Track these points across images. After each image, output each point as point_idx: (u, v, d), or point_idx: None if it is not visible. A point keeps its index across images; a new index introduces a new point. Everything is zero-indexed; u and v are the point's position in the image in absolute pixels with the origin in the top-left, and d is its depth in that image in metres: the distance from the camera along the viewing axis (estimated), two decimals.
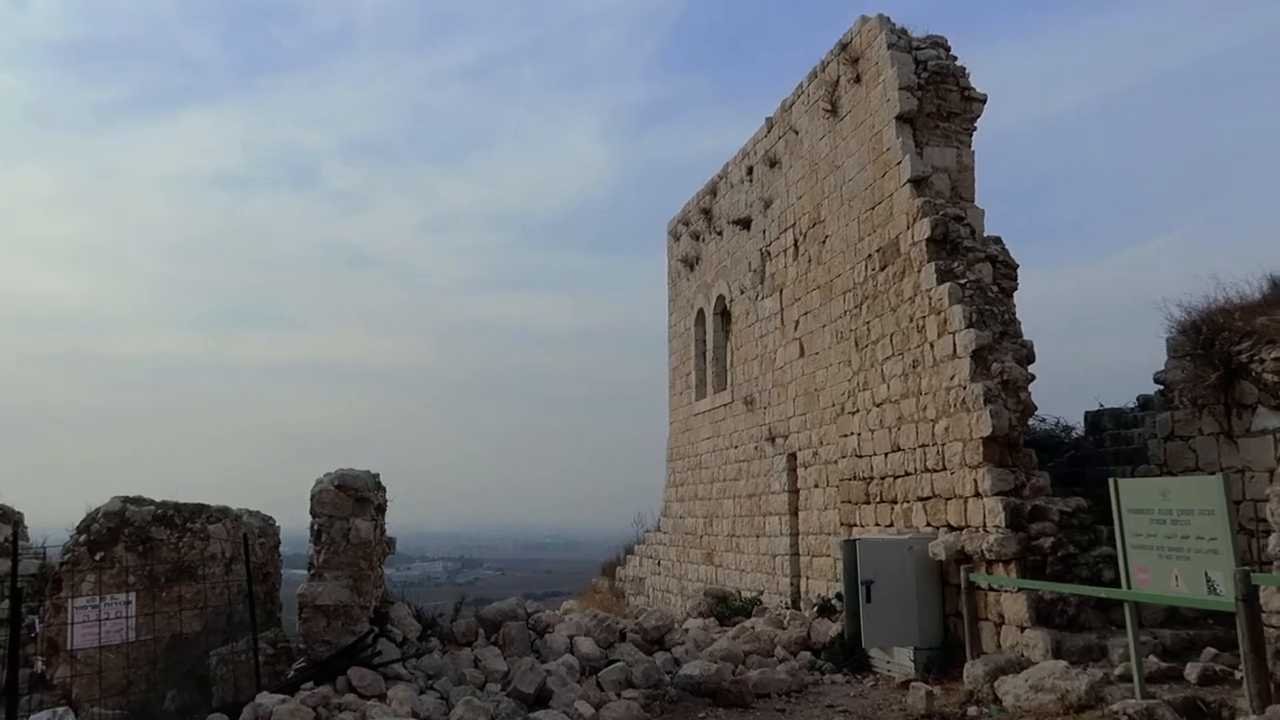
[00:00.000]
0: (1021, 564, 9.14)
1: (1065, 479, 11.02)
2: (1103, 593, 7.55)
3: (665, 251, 22.15)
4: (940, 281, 10.65)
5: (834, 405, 13.19)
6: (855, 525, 12.41)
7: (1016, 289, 10.81)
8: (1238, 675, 7.77)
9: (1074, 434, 12.58)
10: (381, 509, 10.31)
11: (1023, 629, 8.95)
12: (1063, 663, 7.71)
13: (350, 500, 9.62)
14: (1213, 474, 9.48)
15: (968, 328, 10.09)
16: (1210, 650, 8.15)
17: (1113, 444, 11.66)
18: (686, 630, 10.81)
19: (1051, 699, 7.41)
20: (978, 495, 9.79)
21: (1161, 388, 10.49)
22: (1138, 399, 12.08)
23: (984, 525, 9.64)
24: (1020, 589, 9.00)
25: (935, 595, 10.28)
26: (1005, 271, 10.85)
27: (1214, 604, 6.29)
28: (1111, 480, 7.14)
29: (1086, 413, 12.31)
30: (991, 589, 9.32)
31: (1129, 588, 6.98)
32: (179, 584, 10.06)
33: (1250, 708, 5.80)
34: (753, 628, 12.11)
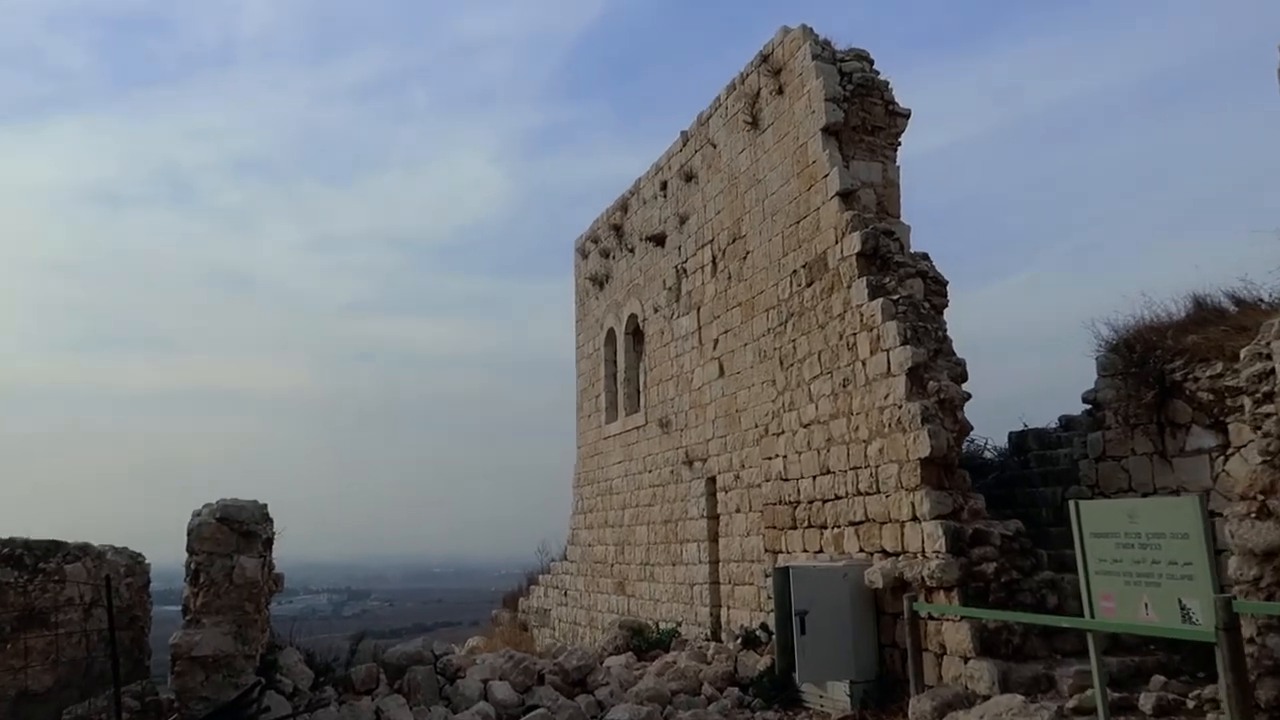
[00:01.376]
0: (964, 591, 8.73)
1: (992, 501, 10.72)
2: (1065, 623, 7.17)
3: (572, 271, 21.46)
4: (872, 297, 10.28)
5: (757, 426, 12.70)
6: (781, 552, 11.89)
7: (947, 305, 10.54)
8: (1190, 704, 7.51)
9: (989, 455, 12.40)
10: (269, 543, 9.25)
11: (966, 659, 8.53)
12: (1019, 697, 7.28)
13: (234, 535, 8.56)
14: (1147, 494, 9.34)
15: (903, 344, 9.72)
16: (1158, 678, 7.86)
17: (1039, 465, 11.49)
18: (608, 669, 10.04)
19: None
20: (915, 519, 9.38)
21: (1090, 407, 10.34)
22: (1060, 419, 11.98)
23: (923, 551, 9.22)
24: (963, 617, 8.59)
25: (871, 625, 9.81)
26: (935, 288, 10.57)
27: (1190, 634, 5.93)
28: (1072, 503, 6.77)
29: (1011, 433, 12.14)
30: (931, 618, 8.89)
31: (1092, 616, 6.60)
32: (27, 633, 8.75)
33: None
34: (675, 663, 11.42)
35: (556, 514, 21.89)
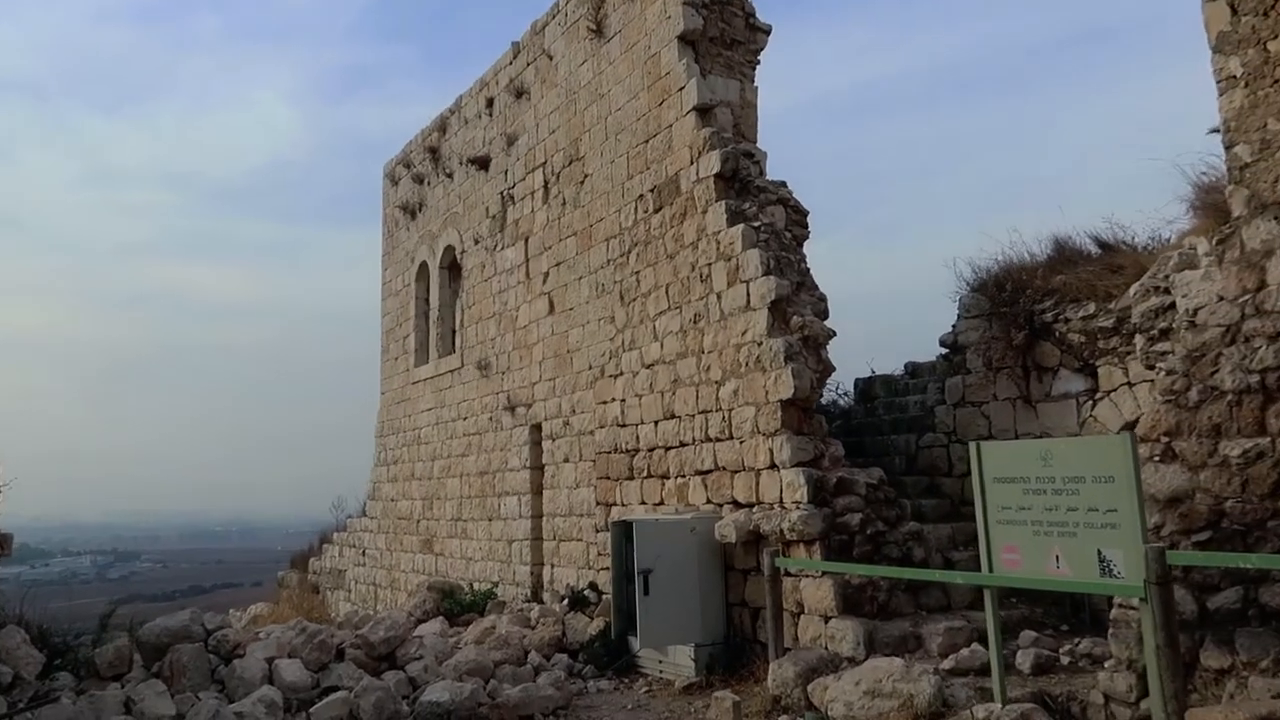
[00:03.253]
0: (826, 544, 7.95)
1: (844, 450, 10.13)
2: (960, 578, 6.45)
3: (380, 200, 19.40)
4: (731, 223, 9.28)
5: (591, 368, 11.51)
6: (615, 504, 10.82)
7: (808, 237, 9.70)
8: (1064, 660, 7.04)
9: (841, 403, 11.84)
10: None
11: (827, 619, 7.77)
12: (898, 661, 6.53)
13: None
14: (1013, 439, 8.90)
15: (765, 275, 8.78)
16: (1028, 633, 7.37)
17: (887, 412, 10.97)
18: (421, 640, 8.62)
19: (893, 706, 6.19)
20: (773, 467, 8.51)
21: (947, 351, 9.85)
22: (906, 366, 11.52)
23: (781, 501, 8.37)
24: (824, 573, 7.81)
25: (719, 583, 8.92)
26: (796, 217, 9.70)
27: (1112, 588, 5.29)
28: (973, 444, 6.01)
29: (857, 380, 11.59)
30: (789, 574, 8.06)
31: (991, 570, 5.88)
32: None
33: (1166, 713, 4.81)
34: (495, 629, 10.14)
35: (354, 470, 19.97)
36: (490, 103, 14.59)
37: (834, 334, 8.76)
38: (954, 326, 9.73)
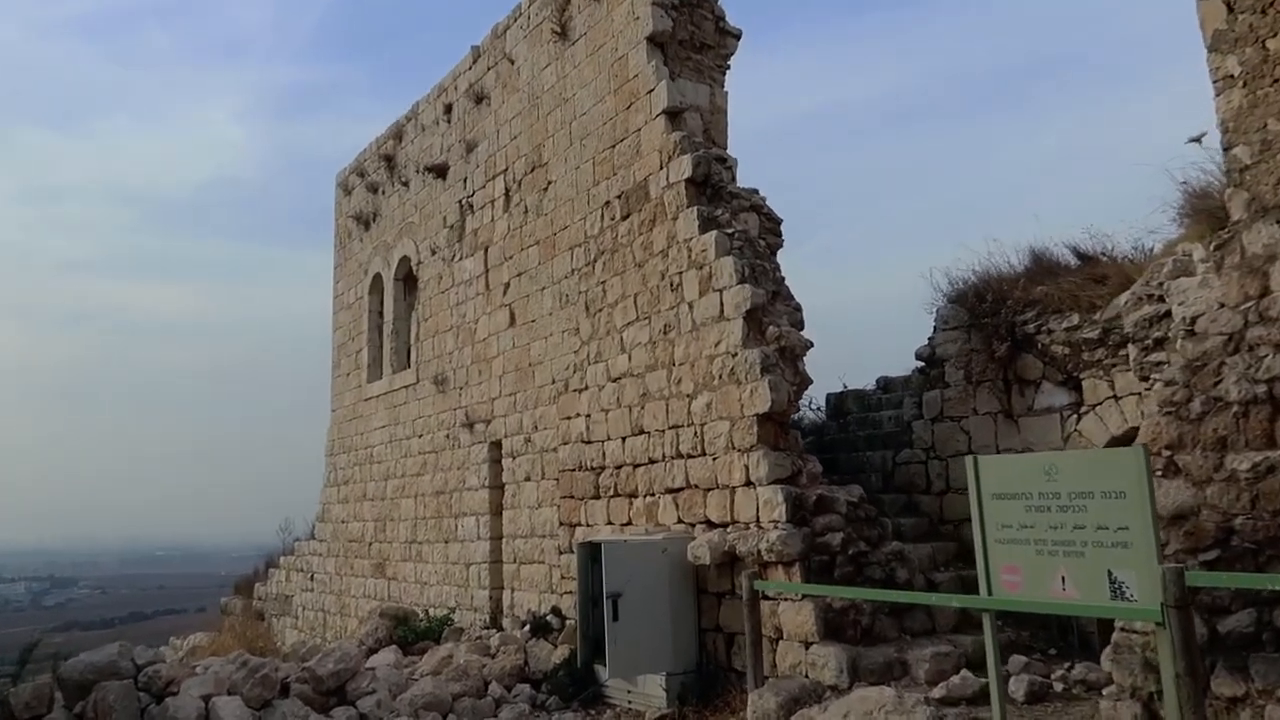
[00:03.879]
0: (806, 565, 7.54)
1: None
2: (956, 601, 6.08)
3: (332, 210, 18.77)
4: (703, 230, 8.89)
5: (555, 383, 11.03)
6: (580, 525, 10.32)
7: (782, 246, 9.35)
8: (1057, 686, 6.71)
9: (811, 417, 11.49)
10: None
11: (808, 644, 7.35)
12: (889, 691, 6.12)
13: None
14: (994, 454, 8.58)
15: (739, 283, 8.40)
16: (1018, 658, 7.03)
17: (860, 428, 10.64)
18: (373, 672, 8.04)
19: None
20: (749, 484, 8.10)
21: (922, 365, 9.55)
22: (878, 381, 11.23)
23: (758, 520, 7.96)
24: (804, 597, 7.41)
25: (691, 608, 8.46)
26: (770, 225, 9.35)
27: (1125, 612, 4.94)
28: (970, 459, 5.64)
29: (829, 395, 11.25)
30: (766, 597, 7.64)
31: (990, 593, 5.51)
32: None
33: None
34: (452, 658, 9.57)
35: (303, 493, 19.25)
36: (449, 109, 14.12)
37: (811, 345, 8.40)
38: (930, 339, 9.44)
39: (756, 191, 9.53)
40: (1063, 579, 5.14)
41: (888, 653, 7.20)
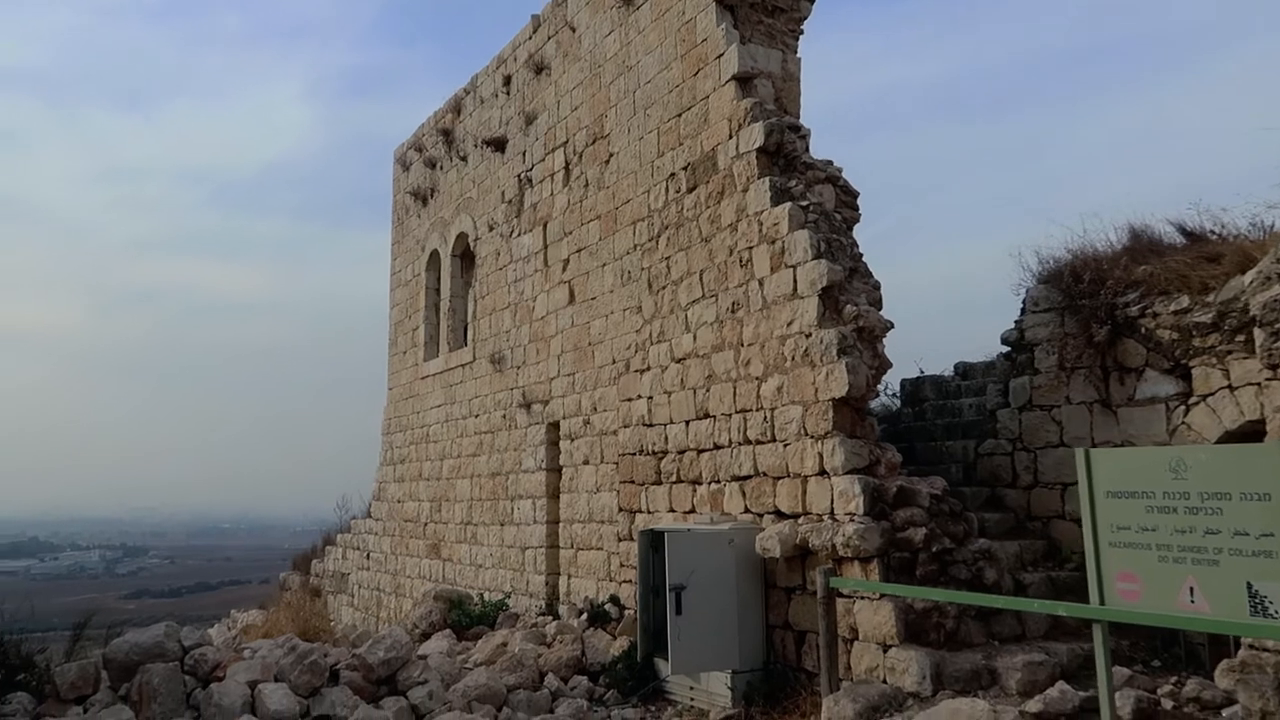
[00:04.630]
0: (884, 562, 7.02)
1: None
2: (1063, 610, 5.48)
3: (390, 186, 18.55)
4: (776, 202, 8.36)
5: (615, 362, 10.60)
6: (640, 511, 9.90)
7: (858, 221, 8.78)
8: (1166, 704, 6.09)
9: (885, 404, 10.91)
10: None
11: (886, 647, 6.83)
12: (982, 703, 5.59)
13: None
14: (1089, 446, 7.95)
15: (815, 258, 7.85)
16: (1120, 670, 6.41)
17: (937, 416, 10.04)
18: (426, 662, 7.72)
19: None
20: (822, 474, 7.58)
21: (1009, 349, 8.90)
22: (955, 367, 10.61)
23: (831, 512, 7.44)
24: (882, 596, 6.89)
25: (758, 603, 8.00)
26: (846, 199, 8.79)
27: (1265, 629, 4.35)
28: (1080, 451, 5.08)
29: (904, 381, 10.66)
30: (840, 595, 7.13)
31: (1102, 601, 4.94)
32: None
33: None
34: (507, 646, 9.25)
35: (362, 469, 19.17)
36: (508, 80, 13.71)
37: (891, 325, 7.83)
38: (1018, 322, 8.78)
39: (831, 163, 8.96)
40: (1191, 590, 4.57)
41: (974, 659, 6.64)
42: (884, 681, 6.79)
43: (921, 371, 10.50)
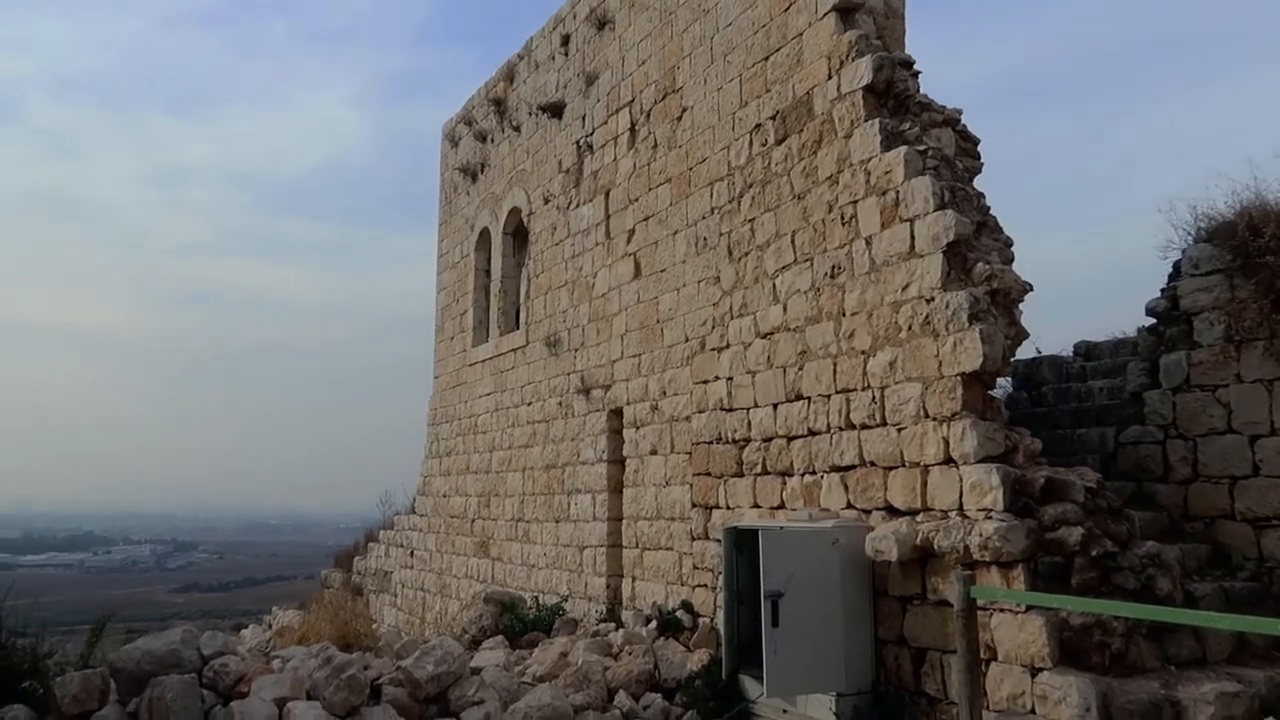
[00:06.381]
0: (1030, 568, 5.82)
1: None
2: None
3: (439, 163, 17.62)
4: (887, 147, 7.18)
5: (688, 341, 9.48)
6: (718, 507, 8.78)
7: (980, 172, 7.57)
8: None
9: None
10: None
11: (1034, 671, 5.63)
12: None
13: None
14: (1258, 438, 6.68)
15: (939, 209, 6.67)
16: None
17: (1060, 401, 8.79)
18: (481, 677, 6.66)
19: None
20: (948, 462, 6.40)
21: (1155, 322, 7.63)
22: (1076, 347, 9.36)
23: (961, 508, 6.25)
24: (1029, 608, 5.69)
25: (866, 614, 6.83)
26: (966, 147, 7.59)
27: None
28: None
29: (1016, 362, 9.39)
30: (980, 607, 5.93)
31: None
32: None
33: None
34: (569, 658, 8.18)
35: (407, 467, 18.25)
36: (566, 40, 12.66)
37: (1030, 288, 6.62)
38: (1165, 289, 7.51)
39: (947, 106, 7.77)
40: None
41: (1151, 688, 5.41)
42: (1032, 712, 5.60)
43: (1038, 351, 9.25)
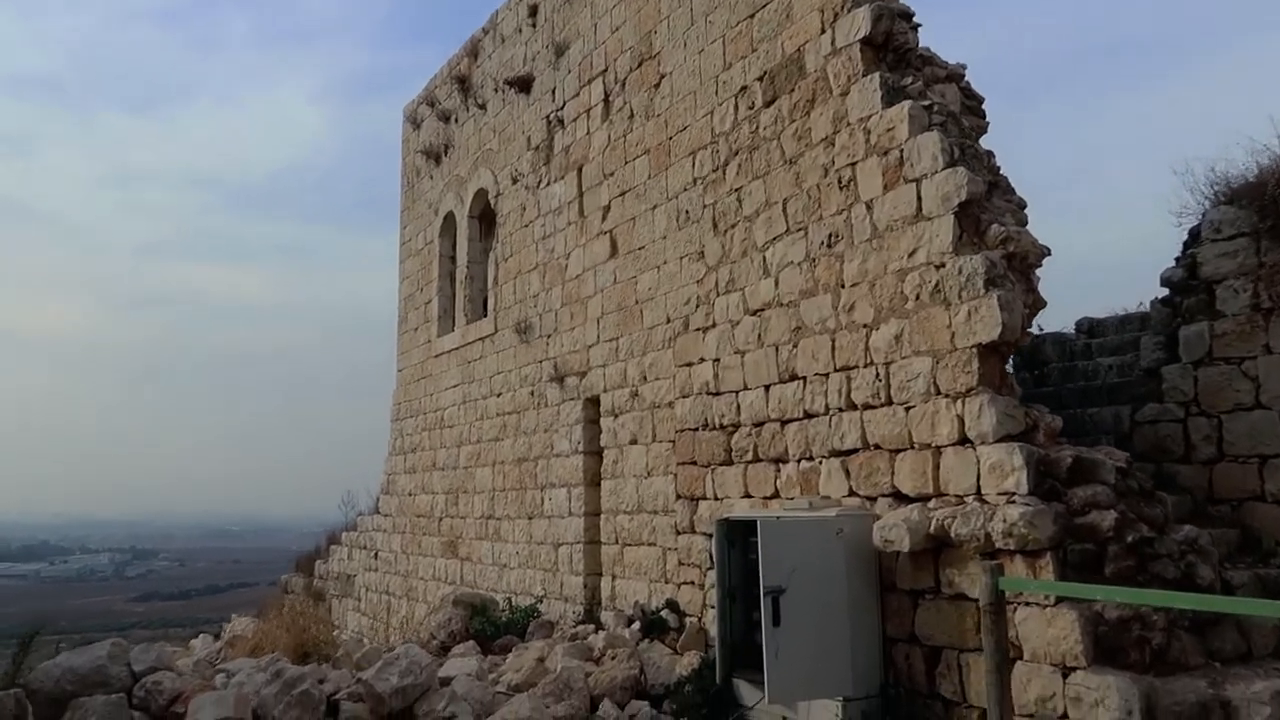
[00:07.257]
0: (1059, 556, 5.28)
1: None
2: None
3: (400, 148, 16.86)
4: (889, 102, 6.62)
5: (670, 322, 8.87)
6: (705, 498, 8.18)
7: (986, 131, 7.05)
8: None
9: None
10: None
11: (1067, 670, 5.09)
12: None
13: None
14: None
15: (948, 167, 6.11)
16: None
17: (1065, 379, 8.30)
18: (452, 687, 6.00)
19: None
20: (963, 443, 5.85)
21: (1170, 292, 7.15)
22: (1078, 324, 8.89)
23: (978, 491, 5.71)
24: (1059, 600, 5.15)
25: (874, 610, 6.26)
26: (971, 105, 7.07)
27: None
28: None
29: None
30: (1004, 600, 5.37)
31: None
32: None
33: None
34: (547, 664, 7.54)
35: (370, 469, 17.48)
36: (533, 10, 12.00)
37: (1048, 251, 6.08)
38: (1181, 257, 7.03)
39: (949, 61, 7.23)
40: None
41: (1198, 688, 4.89)
42: (1064, 716, 5.06)
43: (1040, 329, 8.74)
